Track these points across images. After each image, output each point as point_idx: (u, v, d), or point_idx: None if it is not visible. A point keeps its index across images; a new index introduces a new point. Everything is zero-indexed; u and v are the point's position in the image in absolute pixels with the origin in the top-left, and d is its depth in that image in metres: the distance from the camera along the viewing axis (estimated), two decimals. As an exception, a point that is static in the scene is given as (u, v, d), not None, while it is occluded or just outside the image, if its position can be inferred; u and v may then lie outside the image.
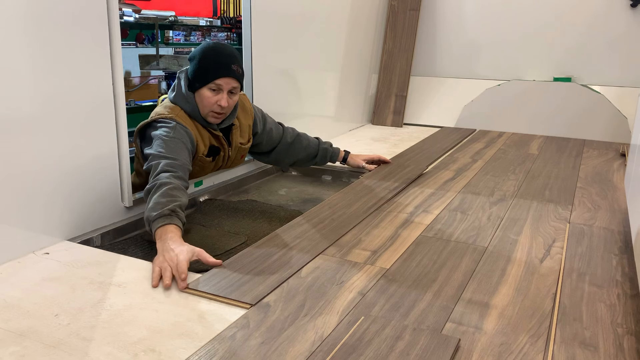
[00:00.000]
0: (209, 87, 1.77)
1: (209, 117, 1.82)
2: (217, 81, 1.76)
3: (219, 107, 1.78)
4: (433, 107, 3.79)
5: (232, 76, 1.77)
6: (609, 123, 3.30)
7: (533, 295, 1.29)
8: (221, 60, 1.76)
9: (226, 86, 1.77)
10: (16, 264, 1.41)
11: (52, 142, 1.50)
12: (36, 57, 1.43)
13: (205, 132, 1.85)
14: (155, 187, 1.54)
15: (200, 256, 1.38)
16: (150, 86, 4.06)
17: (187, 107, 1.81)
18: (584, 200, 2.06)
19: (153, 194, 1.53)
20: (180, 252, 1.35)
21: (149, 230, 1.49)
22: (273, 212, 1.98)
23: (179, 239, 1.42)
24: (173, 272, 1.32)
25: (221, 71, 1.76)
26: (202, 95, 1.78)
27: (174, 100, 1.83)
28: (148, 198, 1.53)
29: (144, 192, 1.58)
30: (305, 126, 2.42)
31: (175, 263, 1.33)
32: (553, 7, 3.50)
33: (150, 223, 1.47)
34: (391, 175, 2.31)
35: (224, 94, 1.78)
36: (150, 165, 1.63)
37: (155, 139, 1.69)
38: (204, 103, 1.78)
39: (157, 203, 1.49)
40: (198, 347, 1.04)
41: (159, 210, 1.46)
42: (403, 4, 3.77)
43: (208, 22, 4.50)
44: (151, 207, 1.49)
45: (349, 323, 1.14)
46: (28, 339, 1.07)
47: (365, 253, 1.51)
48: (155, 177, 1.58)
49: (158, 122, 1.75)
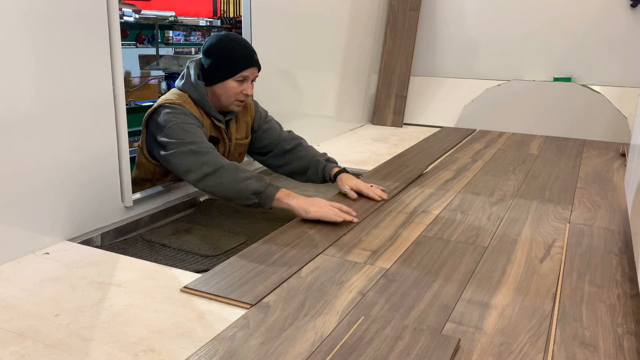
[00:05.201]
0: (235, 79, 1.83)
1: (232, 106, 1.88)
2: (244, 72, 1.83)
3: (244, 95, 1.86)
4: (433, 107, 3.79)
5: (256, 66, 1.86)
6: (609, 123, 3.30)
7: (533, 295, 1.29)
8: (245, 52, 1.85)
9: (251, 75, 1.86)
10: (16, 264, 1.41)
11: (52, 142, 1.50)
12: (36, 57, 1.43)
13: (208, 122, 1.88)
14: (219, 170, 1.67)
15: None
16: (150, 86, 4.05)
17: (195, 95, 1.84)
18: (584, 200, 2.06)
19: (223, 175, 1.67)
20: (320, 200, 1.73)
21: (256, 202, 1.68)
22: (273, 212, 1.97)
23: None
24: (342, 210, 1.70)
25: (248, 62, 1.84)
26: (227, 86, 1.84)
27: (182, 88, 1.86)
28: (215, 178, 1.67)
29: (198, 176, 1.68)
30: (305, 126, 2.42)
31: (333, 205, 1.71)
32: (553, 7, 3.50)
33: (264, 190, 1.67)
34: (391, 175, 2.31)
35: (249, 82, 1.86)
36: (181, 149, 1.69)
37: (170, 129, 1.72)
38: (230, 93, 1.84)
39: (247, 178, 1.67)
40: (198, 347, 1.04)
41: (261, 181, 1.68)
42: (403, 4, 3.77)
43: (208, 22, 4.49)
44: (246, 183, 1.66)
45: (349, 323, 1.14)
46: (28, 339, 1.07)
47: (365, 253, 1.51)
48: (200, 159, 1.68)
49: (166, 108, 1.78)
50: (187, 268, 1.47)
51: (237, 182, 1.67)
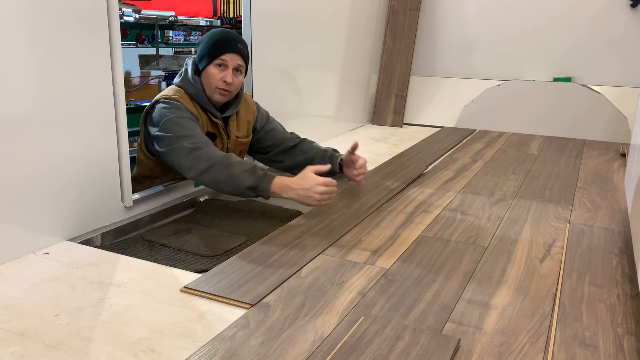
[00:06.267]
0: (215, 64, 1.82)
1: (214, 95, 1.85)
2: (222, 56, 1.81)
3: (224, 83, 1.82)
4: (433, 107, 3.79)
5: (237, 52, 1.83)
6: (609, 123, 3.30)
7: (533, 295, 1.29)
8: (227, 37, 1.84)
9: (232, 62, 1.82)
10: (16, 264, 1.41)
11: (52, 142, 1.50)
12: (36, 57, 1.43)
13: (205, 117, 1.88)
14: (212, 166, 1.67)
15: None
16: (150, 86, 4.05)
17: (191, 90, 1.85)
18: (584, 200, 2.06)
19: (216, 172, 1.68)
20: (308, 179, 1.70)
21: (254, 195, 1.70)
22: (273, 212, 1.98)
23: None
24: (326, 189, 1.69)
25: (227, 47, 1.82)
26: (208, 72, 1.83)
27: (179, 84, 1.88)
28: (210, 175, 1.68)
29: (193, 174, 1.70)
30: (305, 126, 2.42)
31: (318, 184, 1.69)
32: (553, 7, 3.50)
33: (259, 185, 1.68)
34: (391, 175, 2.31)
35: (229, 70, 1.83)
36: (176, 146, 1.70)
37: (165, 123, 1.74)
38: (210, 80, 1.83)
39: (241, 172, 1.67)
40: (198, 347, 1.04)
41: (255, 174, 1.68)
42: (403, 4, 3.77)
43: (208, 22, 4.49)
44: (240, 178, 1.67)
45: (349, 323, 1.14)
46: (28, 339, 1.07)
47: (365, 253, 1.51)
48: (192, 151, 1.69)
49: (162, 103, 1.79)
50: (187, 268, 1.47)
51: (232, 179, 1.68)
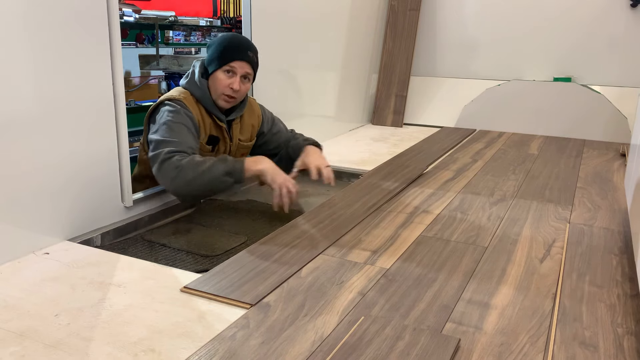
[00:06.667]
0: (224, 70, 1.82)
1: (219, 100, 1.86)
2: (232, 63, 1.81)
3: (230, 90, 1.83)
4: (433, 107, 3.79)
5: (246, 60, 1.84)
6: (609, 123, 3.30)
7: (533, 295, 1.29)
8: (238, 45, 1.84)
9: (240, 70, 1.83)
10: (16, 264, 1.41)
11: (52, 142, 1.50)
12: (36, 57, 1.43)
13: (209, 120, 1.87)
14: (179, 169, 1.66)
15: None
16: (150, 86, 4.06)
17: (198, 92, 1.85)
18: (584, 200, 2.06)
19: (186, 173, 1.65)
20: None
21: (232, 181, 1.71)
22: (273, 212, 1.97)
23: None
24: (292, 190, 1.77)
25: (237, 54, 1.82)
26: (216, 77, 1.83)
27: (185, 86, 1.88)
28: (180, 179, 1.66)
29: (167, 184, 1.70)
30: (305, 126, 2.42)
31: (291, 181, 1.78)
32: (553, 7, 3.50)
33: (234, 167, 1.70)
34: (391, 175, 2.31)
35: (237, 77, 1.83)
36: (157, 152, 1.70)
37: (160, 126, 1.74)
38: (217, 85, 1.83)
39: (211, 165, 1.67)
40: (198, 347, 1.04)
41: (225, 161, 1.70)
42: (403, 4, 3.77)
43: (208, 22, 4.49)
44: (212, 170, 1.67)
45: (349, 323, 1.14)
46: (28, 339, 1.07)
47: (365, 253, 1.51)
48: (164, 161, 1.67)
49: (165, 105, 1.79)
50: (187, 268, 1.47)
51: (204, 174, 1.66)
